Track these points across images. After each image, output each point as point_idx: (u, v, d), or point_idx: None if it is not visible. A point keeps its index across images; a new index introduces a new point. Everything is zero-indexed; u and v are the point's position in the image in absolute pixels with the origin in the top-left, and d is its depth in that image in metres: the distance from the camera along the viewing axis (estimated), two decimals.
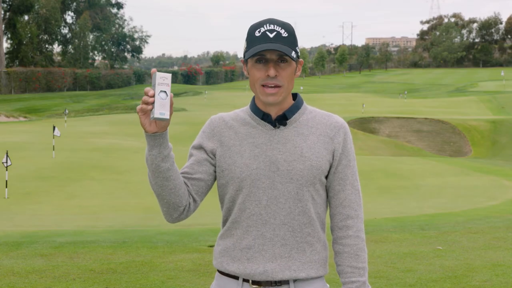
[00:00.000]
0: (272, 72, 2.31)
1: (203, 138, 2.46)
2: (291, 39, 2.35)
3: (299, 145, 2.38)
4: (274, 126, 2.40)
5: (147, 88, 2.18)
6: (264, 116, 2.41)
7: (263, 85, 2.34)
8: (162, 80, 2.15)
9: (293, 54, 2.32)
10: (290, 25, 2.38)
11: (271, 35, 2.32)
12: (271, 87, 2.34)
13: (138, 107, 2.19)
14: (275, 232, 2.36)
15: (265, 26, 2.34)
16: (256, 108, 2.43)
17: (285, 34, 2.33)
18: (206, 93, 57.27)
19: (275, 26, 2.34)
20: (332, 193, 2.44)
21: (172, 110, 2.18)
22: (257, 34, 2.34)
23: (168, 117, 2.15)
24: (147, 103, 2.17)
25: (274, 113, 2.41)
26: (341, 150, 2.42)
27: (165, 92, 2.15)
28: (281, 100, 2.37)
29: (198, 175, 2.41)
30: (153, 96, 2.16)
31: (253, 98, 2.46)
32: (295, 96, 2.48)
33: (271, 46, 2.29)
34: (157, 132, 2.25)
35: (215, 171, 2.44)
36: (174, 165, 2.33)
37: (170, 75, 2.16)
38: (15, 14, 75.52)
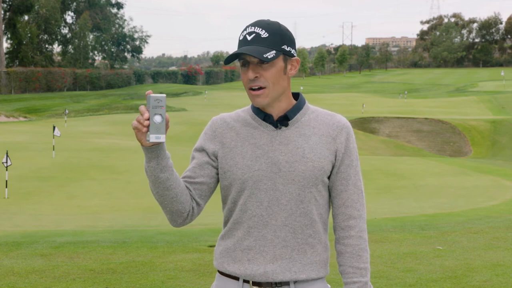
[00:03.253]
0: (250, 74, 2.31)
1: (205, 140, 2.45)
2: (274, 39, 2.31)
3: (301, 146, 2.37)
4: (276, 127, 2.39)
5: (143, 108, 2.17)
6: (266, 117, 2.40)
7: (250, 89, 2.35)
8: (157, 103, 2.16)
9: (270, 54, 2.28)
10: (276, 24, 2.35)
11: (249, 38, 2.32)
12: (255, 89, 2.33)
13: (133, 124, 2.18)
14: (276, 233, 2.35)
15: (247, 29, 2.35)
16: (257, 109, 2.42)
17: (265, 35, 2.31)
18: (206, 93, 57.28)
19: (256, 28, 2.33)
20: (334, 193, 2.43)
21: (167, 130, 2.19)
22: (240, 37, 2.36)
23: (163, 140, 2.17)
24: (142, 125, 2.17)
25: (275, 113, 2.40)
26: (343, 150, 2.41)
27: (160, 115, 2.16)
28: (270, 102, 2.36)
29: (200, 178, 2.40)
30: (148, 119, 2.16)
31: None
32: (297, 96, 2.46)
33: (243, 49, 2.29)
34: (153, 145, 2.24)
35: (217, 174, 2.43)
36: (174, 174, 2.32)
37: (164, 96, 2.17)
38: (15, 14, 75.46)
